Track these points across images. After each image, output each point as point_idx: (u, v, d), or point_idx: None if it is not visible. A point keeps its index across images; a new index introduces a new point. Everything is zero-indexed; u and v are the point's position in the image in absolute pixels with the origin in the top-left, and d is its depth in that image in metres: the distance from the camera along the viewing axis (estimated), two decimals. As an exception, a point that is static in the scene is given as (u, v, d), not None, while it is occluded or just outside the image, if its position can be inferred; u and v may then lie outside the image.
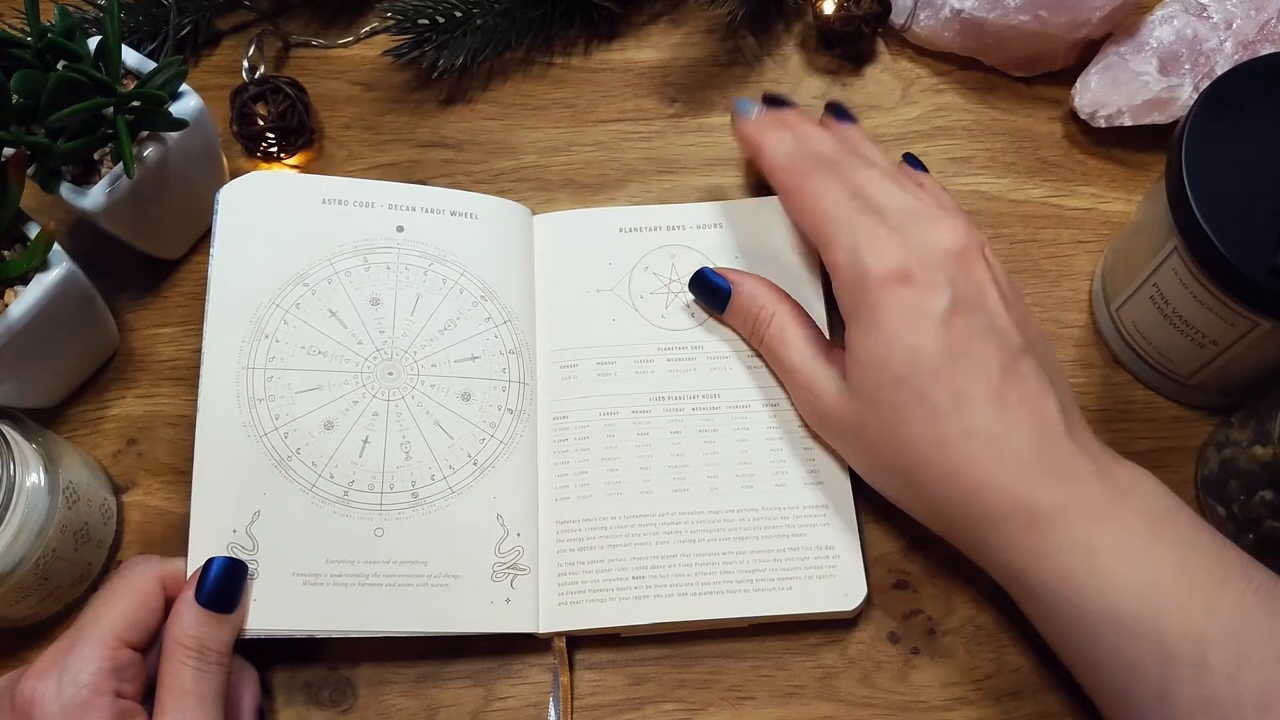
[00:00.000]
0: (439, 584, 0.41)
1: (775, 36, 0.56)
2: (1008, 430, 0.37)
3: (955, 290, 0.38)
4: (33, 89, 0.40)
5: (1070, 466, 0.37)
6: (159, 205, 0.46)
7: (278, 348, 0.44)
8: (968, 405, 0.37)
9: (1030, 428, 0.37)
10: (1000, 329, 0.38)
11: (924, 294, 0.38)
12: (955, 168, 0.52)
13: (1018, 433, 0.37)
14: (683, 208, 0.50)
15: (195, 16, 0.54)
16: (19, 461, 0.39)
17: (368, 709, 0.42)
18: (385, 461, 0.43)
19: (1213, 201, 0.39)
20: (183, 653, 0.37)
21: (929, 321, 0.38)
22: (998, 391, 0.37)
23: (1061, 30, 0.51)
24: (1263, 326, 0.40)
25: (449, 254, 0.47)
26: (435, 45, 0.53)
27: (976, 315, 0.38)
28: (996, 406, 0.37)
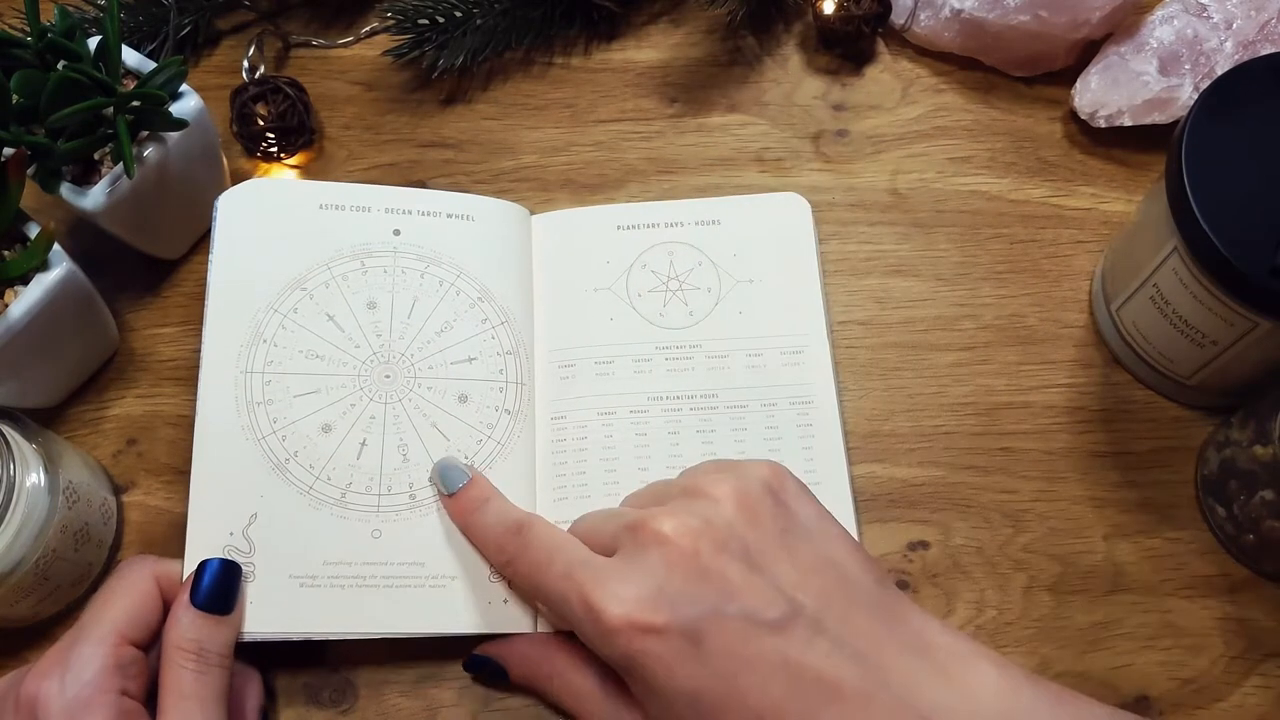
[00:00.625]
0: (436, 585, 0.41)
1: (775, 36, 0.56)
2: (828, 713, 0.33)
3: (696, 609, 0.34)
4: (33, 89, 0.40)
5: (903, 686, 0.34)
6: (159, 205, 0.46)
7: (276, 352, 0.44)
8: (771, 718, 0.34)
9: (838, 700, 0.33)
10: (753, 613, 0.34)
11: (668, 637, 0.34)
12: (955, 168, 0.52)
13: (828, 714, 0.33)
14: (681, 204, 0.50)
15: (195, 16, 0.54)
16: (19, 461, 0.39)
17: (368, 709, 0.42)
18: (383, 464, 0.43)
19: (1213, 201, 0.39)
20: (181, 656, 0.37)
21: (687, 663, 0.34)
22: (789, 683, 0.34)
23: (1061, 30, 0.51)
24: (1263, 326, 0.40)
25: (446, 256, 0.47)
26: (435, 45, 0.53)
27: (725, 616, 0.34)
28: (798, 699, 0.34)
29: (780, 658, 0.34)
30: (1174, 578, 0.44)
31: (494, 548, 0.40)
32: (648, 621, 0.34)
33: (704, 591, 0.35)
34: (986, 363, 0.48)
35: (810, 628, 0.34)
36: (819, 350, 0.47)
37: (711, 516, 0.36)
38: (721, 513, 0.36)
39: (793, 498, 0.38)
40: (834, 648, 0.34)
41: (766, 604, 0.35)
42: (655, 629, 0.34)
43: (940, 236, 0.51)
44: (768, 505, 0.37)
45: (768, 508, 0.37)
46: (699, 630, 0.34)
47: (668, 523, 0.36)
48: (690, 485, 0.38)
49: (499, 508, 0.41)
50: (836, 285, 0.50)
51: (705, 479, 0.38)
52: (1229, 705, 0.42)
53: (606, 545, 0.38)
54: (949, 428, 0.47)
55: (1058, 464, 0.46)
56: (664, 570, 0.35)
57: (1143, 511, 0.45)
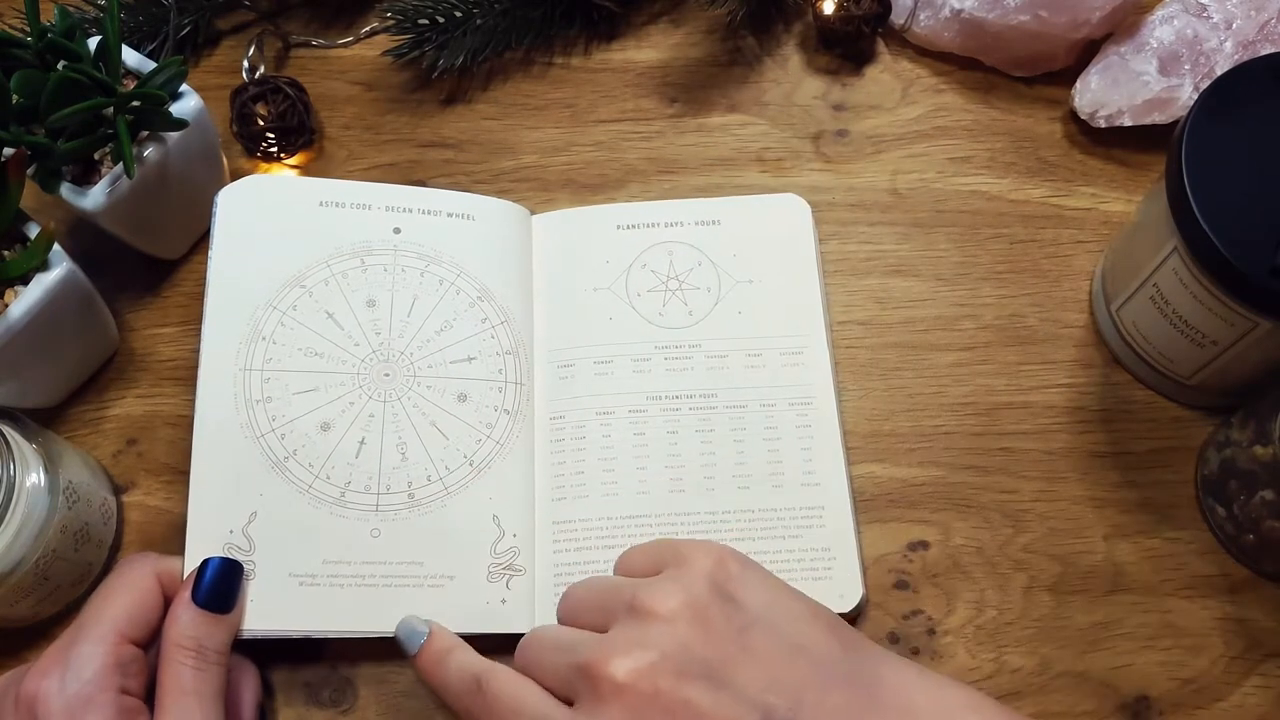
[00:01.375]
0: (435, 584, 0.41)
1: (775, 36, 0.56)
2: None
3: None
4: (33, 89, 0.40)
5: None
6: (159, 205, 0.46)
7: (275, 349, 0.44)
8: None
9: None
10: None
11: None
12: (955, 168, 0.52)
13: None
14: (681, 204, 0.50)
15: (195, 16, 0.54)
16: (19, 461, 0.39)
17: (368, 709, 0.42)
18: (382, 462, 0.43)
19: (1213, 201, 0.39)
20: (181, 654, 0.37)
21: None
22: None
23: (1061, 30, 0.51)
24: (1263, 326, 0.40)
25: (446, 255, 0.47)
26: (435, 45, 0.53)
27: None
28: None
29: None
30: (1174, 578, 0.44)
31: (457, 705, 0.38)
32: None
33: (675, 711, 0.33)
34: (986, 363, 0.48)
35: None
36: (819, 350, 0.47)
37: (665, 644, 0.34)
38: (675, 634, 0.34)
39: (740, 587, 0.36)
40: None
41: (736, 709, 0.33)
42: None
43: (940, 236, 0.51)
44: (718, 608, 0.35)
45: (718, 611, 0.35)
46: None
47: (621, 666, 0.34)
48: (635, 603, 0.36)
49: (459, 661, 0.38)
50: (836, 285, 0.50)
51: (650, 594, 0.36)
52: (1229, 705, 0.42)
53: (561, 684, 0.36)
54: (949, 428, 0.47)
55: (1058, 464, 0.46)
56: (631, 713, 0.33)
57: (1143, 511, 0.45)
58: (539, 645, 0.37)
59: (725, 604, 0.35)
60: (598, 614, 0.37)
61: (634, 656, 0.34)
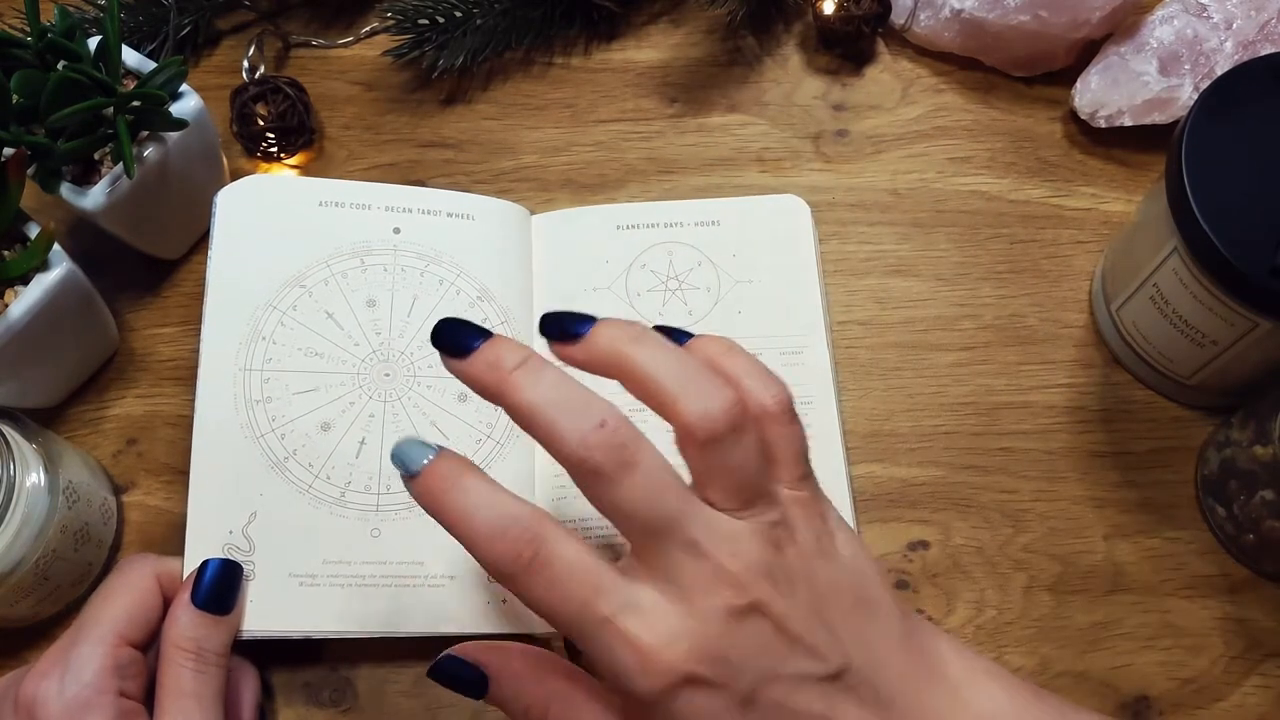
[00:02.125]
0: (435, 585, 0.41)
1: (775, 36, 0.56)
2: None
3: (754, 668, 0.31)
4: (33, 89, 0.40)
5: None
6: (159, 205, 0.46)
7: (275, 349, 0.44)
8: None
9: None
10: (809, 670, 0.32)
11: (720, 693, 0.31)
12: (955, 168, 0.52)
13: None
14: (680, 204, 0.50)
15: (195, 16, 0.54)
16: (19, 461, 0.39)
17: (368, 709, 0.42)
18: (382, 462, 0.43)
19: (1213, 201, 0.39)
20: (181, 655, 0.37)
21: (729, 717, 0.31)
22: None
23: (1061, 30, 0.51)
24: (1263, 326, 0.40)
25: (446, 255, 0.47)
26: (435, 45, 0.53)
27: (782, 675, 0.31)
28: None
29: (822, 714, 0.32)
30: (1174, 578, 0.44)
31: (489, 554, 0.31)
32: (706, 677, 0.31)
33: (765, 651, 0.32)
34: (986, 363, 0.48)
35: (854, 677, 0.33)
36: (819, 350, 0.47)
37: (777, 568, 0.32)
38: (789, 566, 0.32)
39: (834, 538, 0.35)
40: (871, 697, 0.33)
41: (820, 661, 0.32)
42: (711, 684, 0.31)
43: (940, 236, 0.51)
44: (816, 544, 0.33)
45: (816, 546, 0.33)
46: (754, 691, 0.31)
47: (738, 563, 0.31)
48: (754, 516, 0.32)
49: (486, 495, 0.32)
50: (836, 285, 0.50)
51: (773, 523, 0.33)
52: (1229, 705, 0.42)
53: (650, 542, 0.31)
54: (949, 428, 0.47)
55: (1058, 464, 0.46)
56: (726, 624, 0.31)
57: (1143, 511, 0.45)
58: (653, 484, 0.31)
59: (828, 557, 0.34)
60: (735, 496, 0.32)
61: (750, 564, 0.31)
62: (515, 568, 0.31)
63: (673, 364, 0.32)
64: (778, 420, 0.34)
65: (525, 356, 0.32)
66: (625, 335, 0.33)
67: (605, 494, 0.31)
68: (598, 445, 0.31)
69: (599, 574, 0.31)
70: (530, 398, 0.32)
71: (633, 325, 0.33)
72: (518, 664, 0.34)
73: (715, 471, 0.32)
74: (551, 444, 0.32)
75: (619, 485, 0.31)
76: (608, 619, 0.30)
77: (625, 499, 0.31)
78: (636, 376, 0.33)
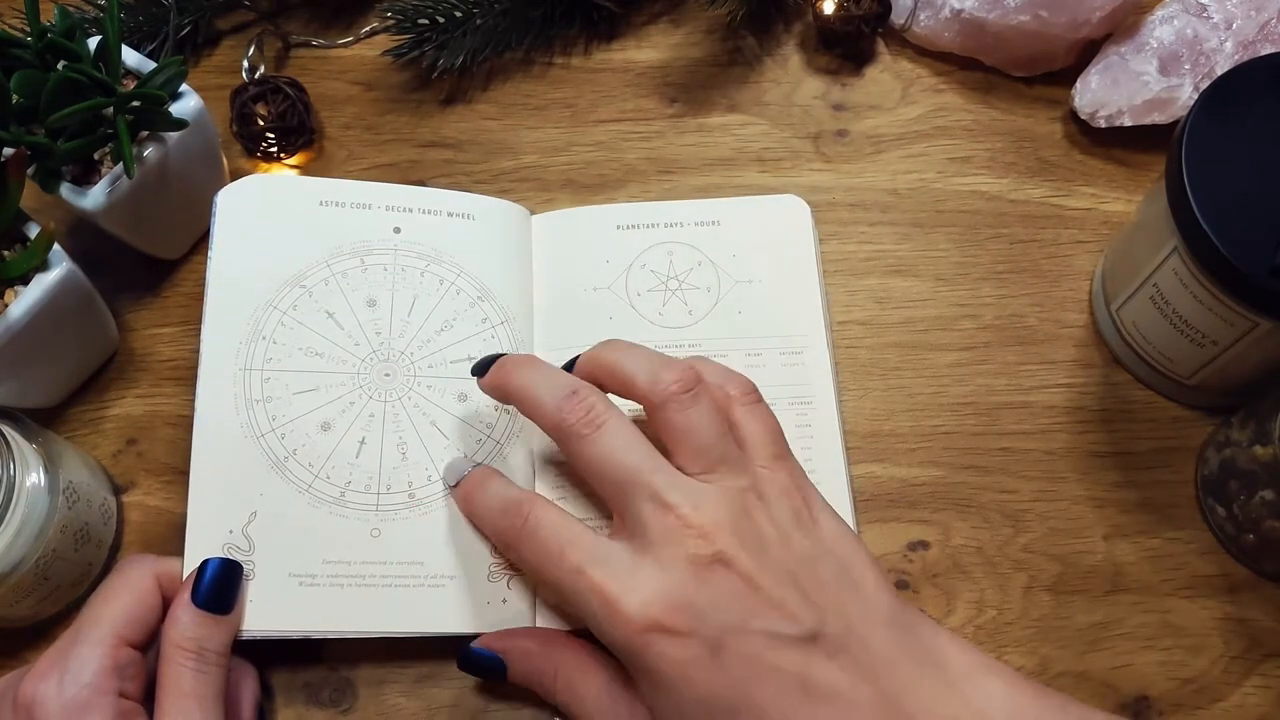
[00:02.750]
0: (435, 584, 0.41)
1: (775, 36, 0.56)
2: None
3: (721, 619, 0.34)
4: (33, 89, 0.40)
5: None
6: (159, 205, 0.46)
7: (275, 349, 0.44)
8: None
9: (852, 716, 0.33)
10: (779, 629, 0.34)
11: (689, 643, 0.34)
12: (955, 168, 0.52)
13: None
14: (680, 204, 0.50)
15: (195, 16, 0.54)
16: (19, 461, 0.39)
17: (368, 709, 0.42)
18: (382, 462, 0.43)
19: (1213, 201, 0.39)
20: (181, 655, 0.37)
21: (704, 668, 0.34)
22: (804, 697, 0.34)
23: (1061, 30, 0.51)
24: (1263, 326, 0.40)
25: (446, 255, 0.47)
26: (435, 45, 0.53)
27: (750, 630, 0.34)
28: (809, 714, 0.33)
29: (798, 674, 0.34)
30: (1174, 578, 0.44)
31: (495, 531, 0.40)
32: (670, 625, 0.34)
33: (730, 602, 0.34)
34: (986, 363, 0.48)
35: (831, 644, 0.34)
36: (819, 350, 0.47)
37: (746, 528, 0.35)
38: (756, 529, 0.36)
39: (816, 516, 0.37)
40: (851, 665, 0.34)
41: (791, 621, 0.34)
42: (677, 632, 0.34)
43: (940, 236, 0.51)
44: (796, 528, 0.36)
45: (797, 531, 0.36)
46: (721, 640, 0.34)
47: (704, 517, 0.35)
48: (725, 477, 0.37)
49: (498, 488, 0.40)
50: (836, 285, 0.50)
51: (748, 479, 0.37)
52: (1229, 705, 0.42)
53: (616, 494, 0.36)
54: (949, 428, 0.47)
55: (1058, 464, 0.46)
56: (690, 573, 0.34)
57: (1143, 511, 0.45)
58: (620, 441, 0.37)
59: (806, 530, 0.37)
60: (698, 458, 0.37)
61: (712, 509, 0.35)
62: (511, 535, 0.38)
63: (637, 355, 0.39)
64: (738, 401, 0.39)
65: (525, 358, 0.41)
66: (597, 349, 0.40)
67: (579, 450, 0.37)
68: (570, 410, 0.37)
69: (574, 532, 0.37)
70: (519, 381, 0.39)
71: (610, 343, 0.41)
72: (527, 643, 0.40)
73: (677, 435, 0.37)
74: (535, 413, 0.39)
75: (590, 442, 0.37)
76: (579, 569, 0.35)
77: (595, 454, 0.37)
78: (606, 369, 0.39)
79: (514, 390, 0.40)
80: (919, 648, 0.35)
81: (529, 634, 0.40)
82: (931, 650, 0.35)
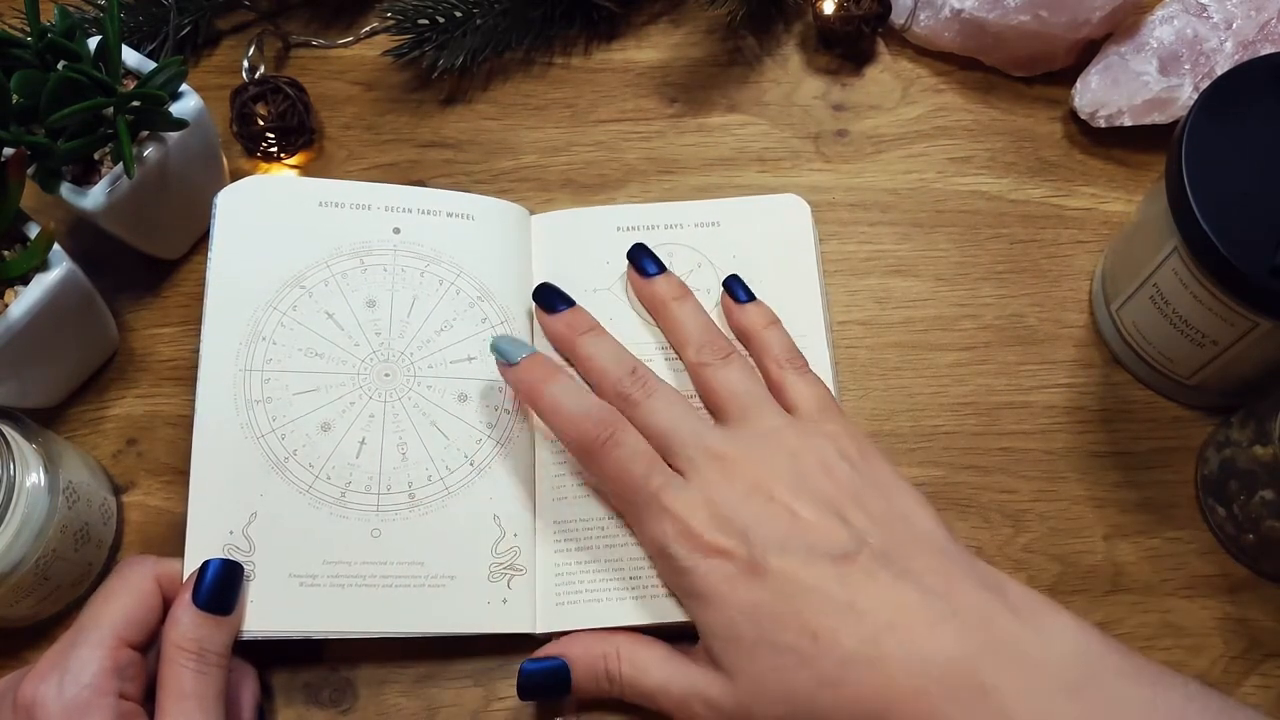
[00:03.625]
0: (436, 585, 0.41)
1: (775, 36, 0.56)
2: (877, 641, 0.35)
3: (764, 535, 0.38)
4: (33, 89, 0.40)
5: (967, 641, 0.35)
6: (159, 205, 0.46)
7: (275, 350, 0.44)
8: (827, 636, 0.36)
9: (902, 623, 0.35)
10: (818, 546, 0.37)
11: (734, 560, 0.37)
12: (955, 168, 0.52)
13: (889, 638, 0.35)
14: (681, 205, 0.50)
15: (195, 16, 0.54)
16: (19, 461, 0.39)
17: (368, 709, 0.42)
18: (382, 463, 0.43)
19: (1213, 201, 0.39)
20: (182, 656, 0.37)
21: (748, 582, 0.37)
22: (847, 606, 0.36)
23: (1061, 30, 0.51)
24: (1263, 326, 0.40)
25: (446, 255, 0.47)
26: (435, 45, 0.53)
27: (789, 547, 0.37)
28: (855, 621, 0.36)
29: (840, 583, 0.36)
30: (1174, 578, 0.44)
31: (577, 435, 0.40)
32: (716, 543, 0.38)
33: (773, 523, 0.38)
34: (986, 363, 0.48)
35: (875, 559, 0.37)
36: (819, 350, 0.47)
37: (787, 459, 0.40)
38: (799, 460, 0.39)
39: (868, 459, 0.41)
40: (898, 577, 0.36)
41: (832, 541, 0.37)
42: (722, 551, 0.38)
43: (940, 236, 0.51)
44: (844, 465, 0.40)
45: (845, 467, 0.40)
46: (764, 558, 0.37)
47: (745, 454, 0.40)
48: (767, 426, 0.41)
49: (577, 391, 0.41)
50: (836, 285, 0.50)
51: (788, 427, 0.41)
52: (1229, 705, 0.42)
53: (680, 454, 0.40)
54: (949, 428, 0.47)
55: (1058, 464, 0.46)
56: (738, 500, 0.38)
57: (1143, 511, 0.45)
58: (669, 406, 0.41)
59: (853, 466, 0.40)
60: (733, 403, 0.42)
61: (760, 460, 0.40)
62: (594, 445, 0.40)
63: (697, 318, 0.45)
64: (787, 368, 0.43)
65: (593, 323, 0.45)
66: (673, 292, 0.46)
67: (638, 415, 0.41)
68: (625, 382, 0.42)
69: (655, 459, 0.40)
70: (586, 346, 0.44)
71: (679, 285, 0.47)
72: (583, 642, 0.40)
73: (715, 392, 0.42)
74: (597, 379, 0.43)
75: (641, 408, 0.41)
76: (658, 491, 0.39)
77: (650, 418, 0.41)
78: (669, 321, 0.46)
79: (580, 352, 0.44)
80: (978, 573, 0.37)
81: (578, 635, 0.41)
82: (995, 581, 0.37)
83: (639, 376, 0.42)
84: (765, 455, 0.40)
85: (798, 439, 0.40)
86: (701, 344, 0.44)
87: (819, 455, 0.40)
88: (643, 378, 0.42)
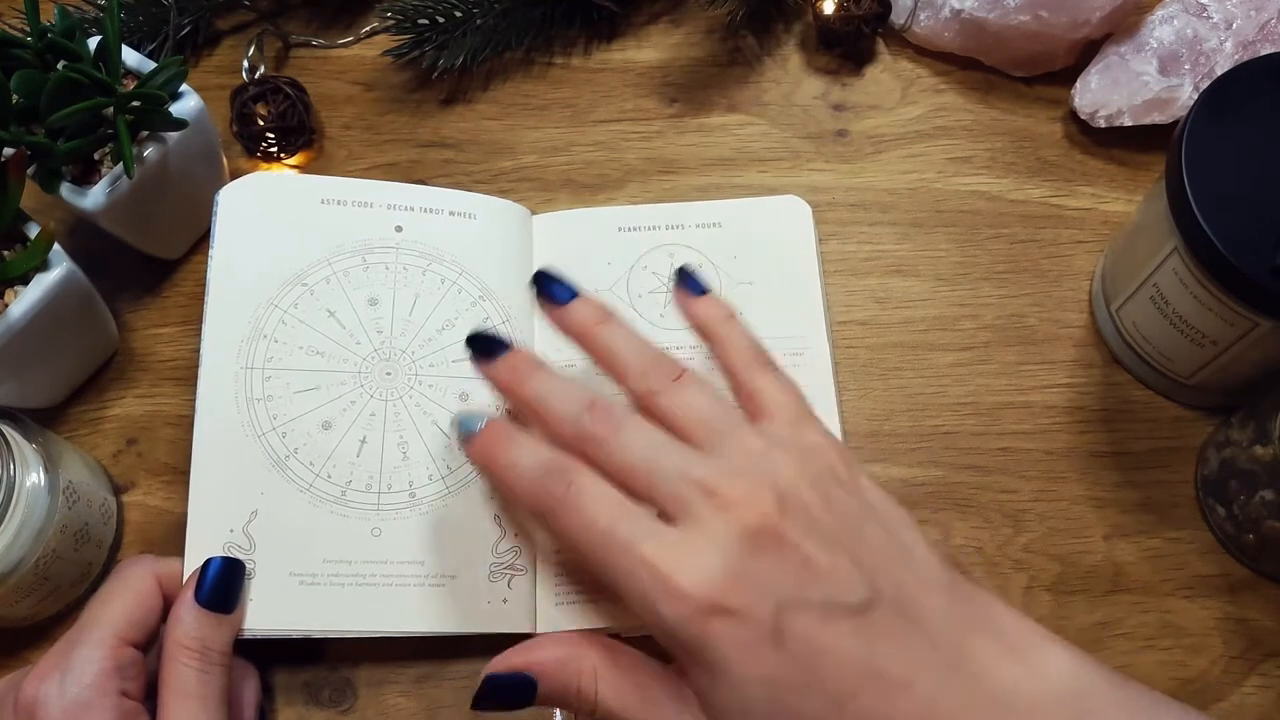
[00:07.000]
0: (436, 584, 0.41)
1: (775, 36, 0.56)
2: (893, 701, 0.32)
3: (777, 593, 0.32)
4: (33, 89, 0.40)
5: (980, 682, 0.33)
6: (159, 205, 0.46)
7: (276, 348, 0.44)
8: (850, 704, 0.32)
9: (918, 680, 0.32)
10: (835, 598, 0.33)
11: (747, 621, 0.32)
12: (955, 168, 0.52)
13: (904, 698, 0.32)
14: (681, 206, 0.50)
15: (195, 16, 0.54)
16: (19, 461, 0.39)
17: (368, 709, 0.42)
18: (383, 461, 0.43)
19: (1213, 201, 0.39)
20: (185, 654, 0.37)
21: (764, 648, 0.32)
22: (867, 667, 0.32)
23: (1061, 30, 0.51)
24: (1263, 326, 0.40)
25: (447, 254, 0.47)
26: (435, 45, 0.53)
27: (807, 603, 0.32)
28: (874, 682, 0.32)
29: (859, 643, 0.32)
30: (1174, 578, 0.44)
31: (531, 495, 0.35)
32: (725, 604, 0.32)
33: (785, 574, 0.33)
34: (986, 363, 0.48)
35: (888, 611, 0.33)
36: (819, 350, 0.47)
37: (786, 491, 0.34)
38: (800, 497, 0.34)
39: (859, 482, 0.36)
40: (911, 631, 0.33)
41: (848, 589, 0.33)
42: (732, 611, 0.32)
43: (940, 236, 0.51)
44: (841, 490, 0.35)
45: (841, 493, 0.35)
46: (780, 616, 0.32)
47: (741, 487, 0.34)
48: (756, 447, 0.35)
49: (532, 447, 0.36)
50: (836, 285, 0.50)
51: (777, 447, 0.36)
52: (1229, 705, 0.42)
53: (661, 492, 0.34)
54: (949, 428, 0.47)
55: (1058, 464, 0.46)
56: (743, 548, 0.33)
57: (1143, 511, 0.45)
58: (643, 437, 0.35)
59: (847, 490, 0.35)
60: (702, 428, 0.36)
61: (755, 487, 0.34)
62: (551, 502, 0.34)
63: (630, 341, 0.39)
64: (757, 369, 0.39)
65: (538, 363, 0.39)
66: (594, 317, 0.39)
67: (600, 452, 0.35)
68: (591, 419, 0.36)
69: (624, 505, 0.34)
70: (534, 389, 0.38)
71: (601, 308, 0.40)
72: (555, 650, 0.35)
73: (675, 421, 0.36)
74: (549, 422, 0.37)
75: (621, 432, 0.35)
76: (628, 544, 0.33)
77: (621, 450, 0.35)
78: (598, 352, 0.39)
79: (527, 398, 0.37)
80: (976, 613, 0.35)
81: (551, 641, 0.35)
82: (989, 617, 0.35)
83: (600, 408, 0.36)
84: (762, 488, 0.34)
85: (789, 462, 0.35)
86: (643, 370, 0.37)
87: (816, 482, 0.35)
88: (603, 409, 0.36)
